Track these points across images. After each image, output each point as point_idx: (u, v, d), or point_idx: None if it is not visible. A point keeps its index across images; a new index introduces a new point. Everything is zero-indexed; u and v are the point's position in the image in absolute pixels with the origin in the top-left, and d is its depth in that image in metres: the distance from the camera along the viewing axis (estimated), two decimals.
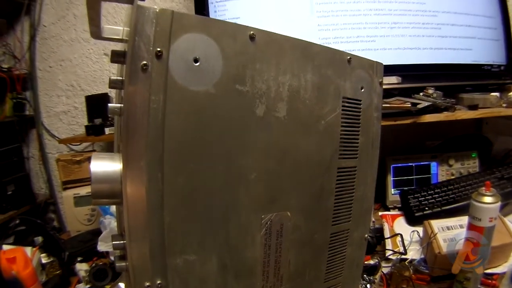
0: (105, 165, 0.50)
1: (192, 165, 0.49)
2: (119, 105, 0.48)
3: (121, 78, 0.49)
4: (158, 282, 0.49)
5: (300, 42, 0.57)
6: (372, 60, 0.67)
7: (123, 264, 0.52)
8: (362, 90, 0.65)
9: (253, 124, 0.52)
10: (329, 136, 0.61)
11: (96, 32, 0.58)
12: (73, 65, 1.92)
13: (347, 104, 0.62)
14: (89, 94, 1.82)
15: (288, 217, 0.58)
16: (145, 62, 0.44)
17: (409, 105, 1.25)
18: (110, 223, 1.31)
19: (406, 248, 1.17)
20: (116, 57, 0.50)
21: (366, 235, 0.72)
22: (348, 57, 0.62)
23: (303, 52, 0.57)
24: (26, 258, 0.95)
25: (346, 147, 0.63)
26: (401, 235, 1.21)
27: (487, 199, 0.88)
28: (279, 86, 0.54)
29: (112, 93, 1.62)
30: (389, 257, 1.16)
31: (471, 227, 0.92)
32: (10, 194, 1.80)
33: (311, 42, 0.58)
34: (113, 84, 0.49)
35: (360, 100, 0.65)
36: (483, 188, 0.90)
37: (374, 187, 0.71)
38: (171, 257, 0.49)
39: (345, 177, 0.64)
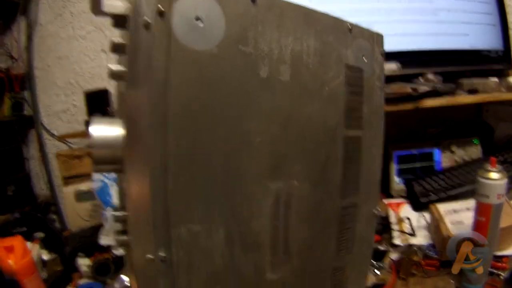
0: (105, 130, 0.49)
1: (195, 128, 0.48)
2: (121, 68, 0.47)
3: (123, 42, 0.48)
4: (162, 254, 0.47)
5: (302, 8, 0.56)
6: (371, 31, 0.66)
7: (124, 238, 0.51)
8: (364, 59, 0.64)
9: (257, 86, 0.52)
10: (333, 103, 0.60)
11: (96, 7, 0.57)
12: (71, 63, 1.91)
13: (349, 72, 0.62)
14: (88, 90, 1.80)
15: (295, 186, 0.57)
16: (147, 19, 0.44)
17: (410, 90, 1.24)
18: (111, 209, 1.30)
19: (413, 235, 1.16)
20: (118, 20, 0.49)
21: (375, 210, 0.71)
22: (349, 26, 0.62)
23: (305, 18, 0.56)
24: (25, 248, 0.93)
25: (351, 116, 0.63)
26: (409, 219, 1.20)
27: (494, 175, 0.87)
28: (281, 48, 0.53)
29: (112, 88, 1.61)
30: (397, 243, 1.15)
31: (479, 205, 0.91)
32: (10, 194, 1.78)
33: (312, 9, 0.57)
34: (115, 47, 0.48)
35: (362, 69, 0.64)
36: (489, 164, 0.89)
37: (380, 160, 0.70)
38: (174, 227, 0.48)
39: (351, 147, 0.63)
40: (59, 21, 1.89)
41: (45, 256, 1.27)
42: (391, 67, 1.31)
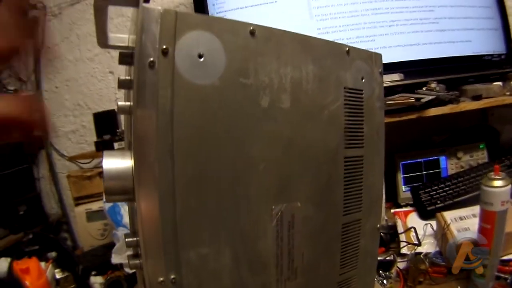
0: (116, 162, 0.51)
1: (201, 156, 0.50)
2: (128, 103, 0.50)
3: (129, 78, 0.50)
4: (172, 277, 0.49)
5: (299, 36, 0.58)
6: (369, 51, 0.68)
7: (137, 262, 0.53)
8: (363, 80, 0.66)
9: (259, 115, 0.54)
10: (333, 125, 0.62)
11: (103, 40, 0.59)
12: (79, 85, 1.95)
13: (349, 94, 0.64)
14: (96, 111, 1.83)
15: (298, 207, 0.58)
16: (152, 59, 0.46)
17: (413, 100, 1.25)
18: (123, 234, 1.31)
19: (421, 240, 1.17)
20: (124, 58, 0.51)
21: (378, 225, 0.72)
22: (347, 49, 0.64)
23: (302, 45, 0.58)
24: (40, 269, 0.96)
25: (352, 136, 0.64)
26: (414, 228, 1.21)
27: (497, 182, 0.88)
28: (281, 78, 0.55)
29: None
30: (404, 252, 1.16)
31: (483, 213, 0.92)
32: (21, 214, 1.81)
33: (309, 36, 0.59)
34: (122, 84, 0.51)
35: (362, 90, 0.66)
36: (492, 173, 0.90)
37: (382, 177, 0.71)
38: (184, 250, 0.50)
39: (352, 166, 0.65)
40: (66, 43, 1.93)
41: (58, 275, 1.29)
42: (394, 78, 1.33)
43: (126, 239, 0.54)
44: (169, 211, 0.48)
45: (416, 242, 1.16)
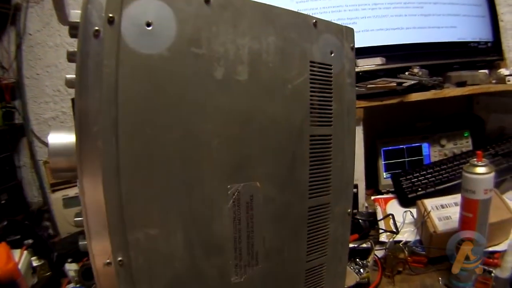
0: (62, 137, 0.49)
1: (148, 131, 0.47)
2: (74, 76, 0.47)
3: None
4: (119, 259, 0.47)
5: (261, 5, 0.55)
6: (340, 25, 0.65)
7: (85, 242, 0.51)
8: (332, 54, 0.63)
9: (212, 87, 0.51)
10: (297, 101, 0.59)
11: (63, 17, 0.57)
12: (59, 70, 1.92)
13: (315, 69, 0.61)
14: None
15: (257, 187, 0.56)
16: (97, 28, 0.44)
17: (395, 85, 1.23)
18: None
19: (399, 229, 1.14)
20: (72, 30, 0.49)
21: (349, 210, 0.69)
22: (314, 21, 0.61)
23: (264, 15, 0.55)
24: (8, 254, 0.93)
25: (318, 113, 0.61)
26: (392, 215, 1.19)
27: (480, 169, 0.85)
28: (238, 48, 0.52)
29: None
30: (383, 240, 1.14)
31: (465, 201, 0.89)
32: (3, 203, 1.79)
33: (272, 5, 0.57)
34: (71, 56, 0.49)
35: (331, 65, 0.63)
36: (475, 158, 0.87)
37: (353, 158, 0.68)
38: (131, 231, 0.47)
39: (319, 146, 0.62)
40: (47, 29, 1.91)
41: (35, 262, 1.28)
42: (376, 61, 1.30)
43: (75, 218, 0.52)
44: (113, 189, 0.46)
45: (394, 230, 1.14)
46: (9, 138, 1.94)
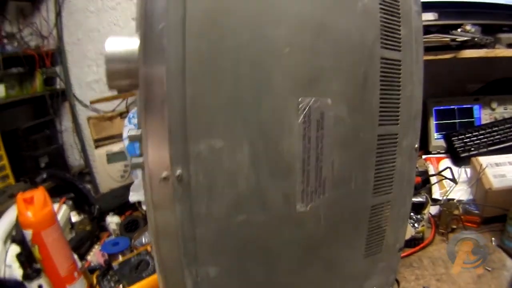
0: (121, 43, 0.47)
1: (216, 31, 0.44)
2: None
3: None
4: (178, 172, 0.44)
5: None
6: None
7: (139, 160, 0.49)
8: None
9: None
10: (368, 19, 0.55)
11: None
12: (102, 35, 1.92)
13: None
14: None
15: (328, 105, 0.52)
16: None
17: (448, 40, 1.20)
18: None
19: (453, 188, 1.11)
20: None
21: (416, 145, 0.66)
22: None
23: None
24: (46, 199, 0.89)
25: (388, 35, 0.57)
26: (450, 168, 1.15)
27: None
28: None
29: None
30: (436, 197, 1.11)
31: None
32: (43, 167, 1.81)
33: None
34: None
35: None
36: None
37: (421, 90, 0.64)
38: (194, 141, 0.45)
39: (389, 70, 0.58)
40: None
41: (74, 218, 1.29)
42: (429, 17, 1.26)
43: (129, 133, 0.50)
44: (177, 93, 0.43)
45: (453, 178, 1.10)
46: (51, 103, 1.96)
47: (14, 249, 1.05)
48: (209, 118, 0.45)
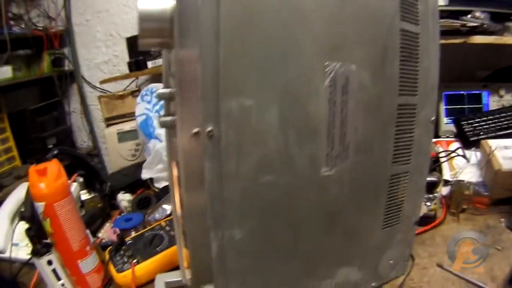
0: (154, 2, 0.47)
1: None
2: None
3: None
4: (209, 129, 0.45)
5: None
6: None
7: (168, 119, 0.50)
8: None
9: None
10: None
11: None
12: (111, 15, 1.92)
13: None
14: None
15: (353, 70, 0.53)
16: None
17: (458, 25, 1.22)
18: (155, 146, 1.29)
19: (464, 169, 1.13)
20: None
21: (432, 118, 0.67)
22: None
23: None
24: (60, 170, 0.86)
25: (407, 9, 0.58)
26: (461, 147, 1.18)
27: None
28: None
29: None
30: (447, 178, 1.12)
31: None
32: (50, 148, 1.80)
33: None
34: None
35: None
36: None
37: (437, 65, 0.66)
38: (225, 99, 0.46)
39: (408, 42, 0.59)
40: None
41: (84, 196, 1.26)
42: (440, 2, 1.27)
43: (158, 91, 0.51)
44: (211, 53, 0.44)
45: (464, 155, 1.12)
46: (59, 84, 1.96)
47: (22, 227, 1.01)
48: (241, 77, 0.46)
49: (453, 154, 1.20)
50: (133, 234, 1.04)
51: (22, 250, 1.05)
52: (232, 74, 0.46)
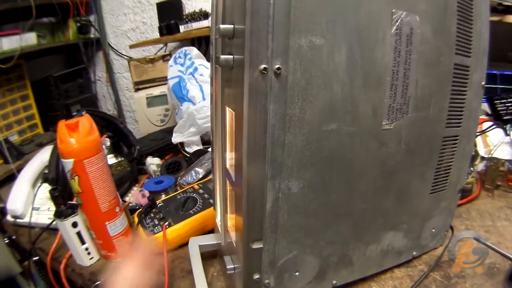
0: None
1: None
2: None
3: None
4: (277, 66, 0.45)
5: None
6: None
7: (229, 57, 0.49)
8: None
9: None
10: None
11: None
12: None
13: None
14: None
15: (417, 21, 0.53)
16: None
17: (496, 3, 1.20)
18: (188, 108, 1.27)
19: (496, 148, 1.11)
20: None
21: (483, 83, 0.67)
22: None
23: None
24: (92, 126, 0.81)
25: None
26: (496, 123, 1.18)
27: None
28: None
29: None
30: (482, 155, 1.11)
31: None
32: (74, 115, 1.78)
33: None
34: None
35: None
36: None
37: (488, 30, 0.65)
38: (295, 34, 0.45)
39: (464, 1, 0.59)
40: None
41: (111, 160, 1.25)
42: None
43: (222, 27, 0.48)
44: None
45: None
46: (85, 52, 1.96)
47: (44, 191, 1.03)
48: (313, 15, 0.46)
49: (490, 129, 1.18)
50: (163, 197, 1.02)
51: (43, 215, 1.03)
52: (304, 10, 0.45)
